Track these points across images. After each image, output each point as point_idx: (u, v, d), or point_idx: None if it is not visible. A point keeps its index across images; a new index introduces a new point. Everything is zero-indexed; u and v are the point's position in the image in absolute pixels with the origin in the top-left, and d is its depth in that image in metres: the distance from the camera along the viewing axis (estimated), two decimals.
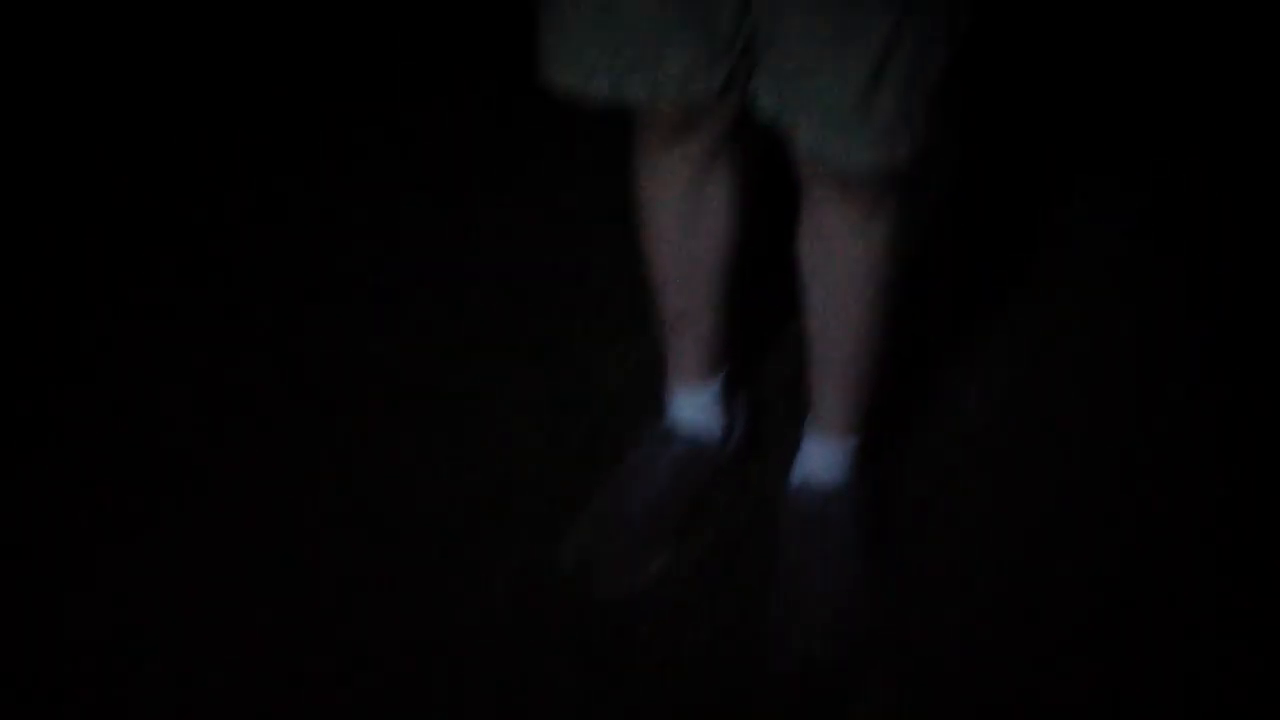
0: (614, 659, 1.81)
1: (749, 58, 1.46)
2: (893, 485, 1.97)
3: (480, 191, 2.48)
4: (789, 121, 1.45)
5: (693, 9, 1.42)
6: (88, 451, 2.12)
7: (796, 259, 1.69)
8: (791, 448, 1.91)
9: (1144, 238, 2.37)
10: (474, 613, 1.86)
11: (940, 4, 1.36)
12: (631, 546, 1.88)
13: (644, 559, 1.88)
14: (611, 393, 2.08)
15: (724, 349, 1.90)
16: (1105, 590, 1.88)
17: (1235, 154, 2.53)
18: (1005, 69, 2.48)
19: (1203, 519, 1.96)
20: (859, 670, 1.79)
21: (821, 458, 1.85)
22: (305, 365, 2.22)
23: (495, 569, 1.90)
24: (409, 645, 1.83)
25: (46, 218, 2.54)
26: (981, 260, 2.29)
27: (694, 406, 1.91)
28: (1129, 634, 1.83)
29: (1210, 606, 1.85)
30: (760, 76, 1.46)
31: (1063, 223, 2.40)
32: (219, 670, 1.82)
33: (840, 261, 1.63)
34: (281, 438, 2.11)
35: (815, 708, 1.77)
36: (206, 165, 2.63)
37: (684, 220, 1.71)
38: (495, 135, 2.59)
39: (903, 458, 2.00)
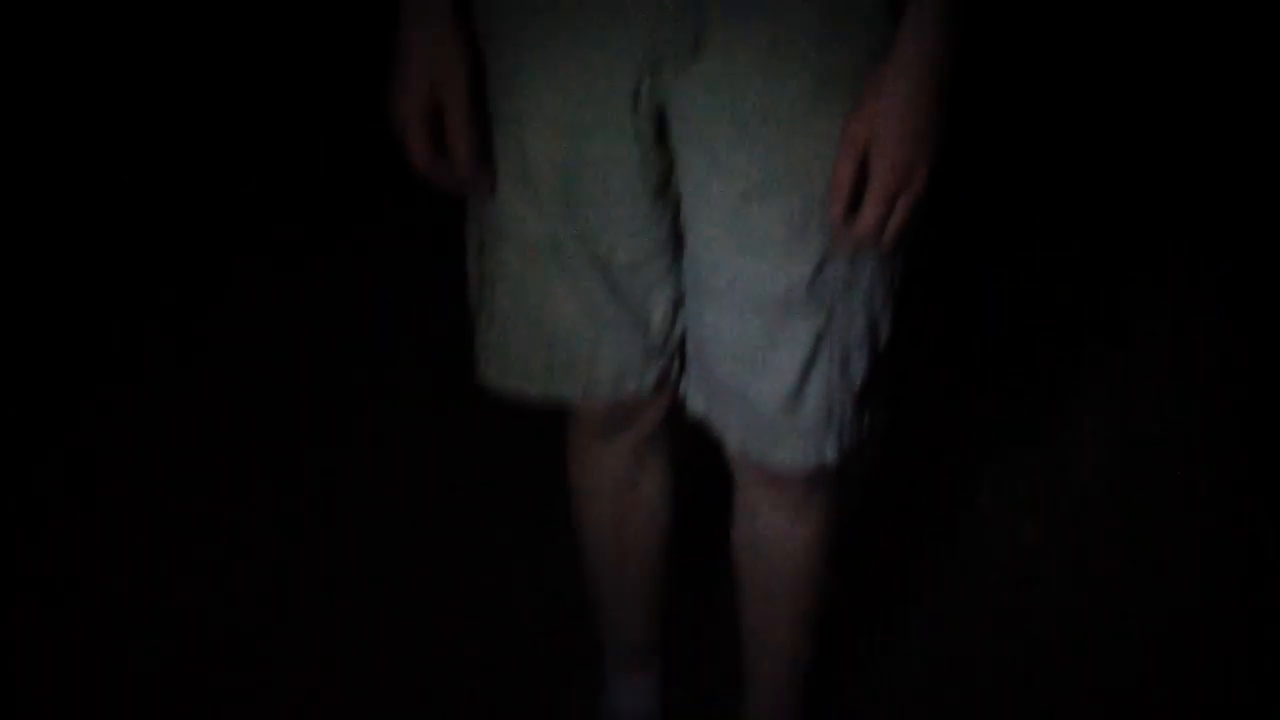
0: None
1: (681, 356, 1.48)
2: None
3: None
4: (718, 423, 1.47)
5: (625, 314, 1.43)
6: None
7: (730, 546, 1.68)
8: None
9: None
10: None
11: (860, 316, 1.38)
12: None
13: None
14: (550, 674, 1.96)
15: (661, 637, 1.85)
16: None
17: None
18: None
19: None
20: None
21: None
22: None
23: None
24: None
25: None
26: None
27: (632, 695, 1.87)
28: None
29: None
30: (690, 378, 1.49)
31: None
32: None
33: (773, 551, 1.62)
34: None
35: None
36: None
37: (618, 512, 1.70)
38: None
39: None
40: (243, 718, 1.87)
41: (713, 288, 1.36)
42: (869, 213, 1.24)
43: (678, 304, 1.43)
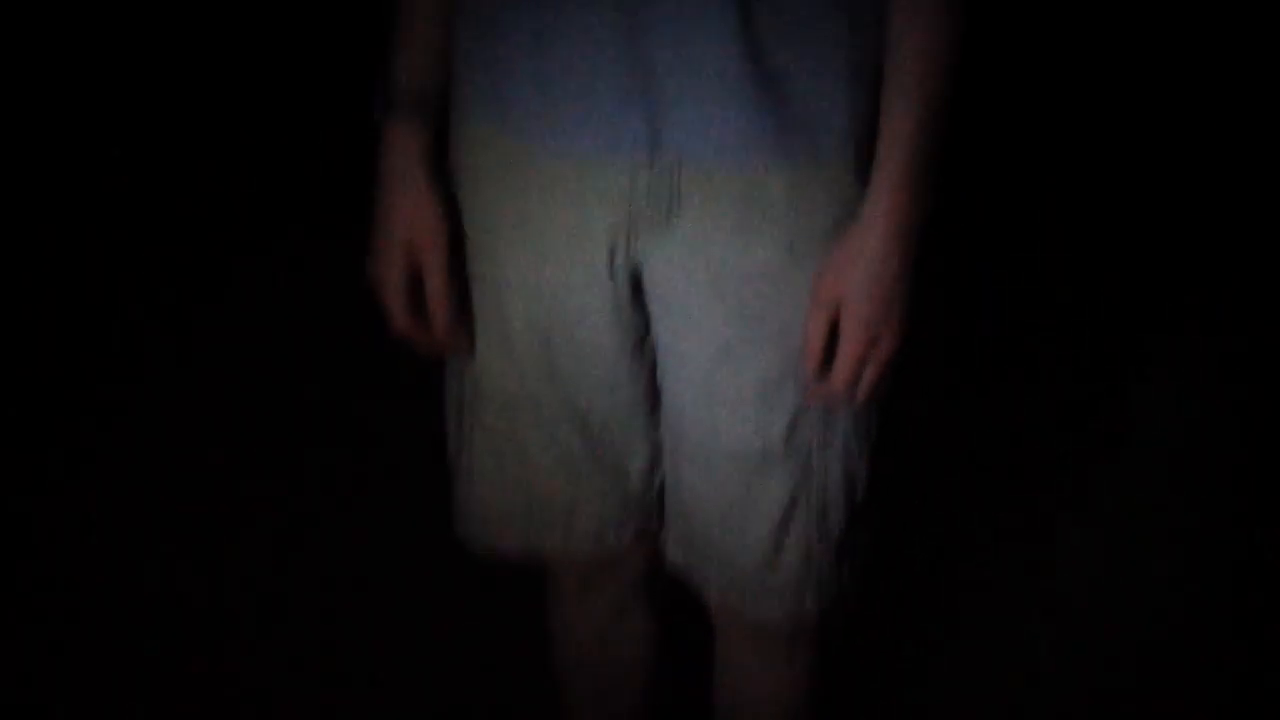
0: None
1: (661, 508, 1.48)
2: None
3: None
4: (697, 574, 1.47)
5: (604, 469, 1.43)
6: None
7: (712, 694, 1.66)
8: None
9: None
10: None
11: (837, 469, 1.38)
12: None
13: None
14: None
15: None
16: None
17: None
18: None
19: None
20: None
21: None
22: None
23: None
24: None
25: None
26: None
27: None
28: None
29: None
30: (669, 530, 1.47)
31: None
32: None
33: (754, 700, 1.60)
34: None
35: None
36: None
37: (600, 661, 1.67)
38: None
39: None
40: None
41: (689, 443, 1.37)
42: (841, 371, 1.26)
43: (656, 458, 1.43)
